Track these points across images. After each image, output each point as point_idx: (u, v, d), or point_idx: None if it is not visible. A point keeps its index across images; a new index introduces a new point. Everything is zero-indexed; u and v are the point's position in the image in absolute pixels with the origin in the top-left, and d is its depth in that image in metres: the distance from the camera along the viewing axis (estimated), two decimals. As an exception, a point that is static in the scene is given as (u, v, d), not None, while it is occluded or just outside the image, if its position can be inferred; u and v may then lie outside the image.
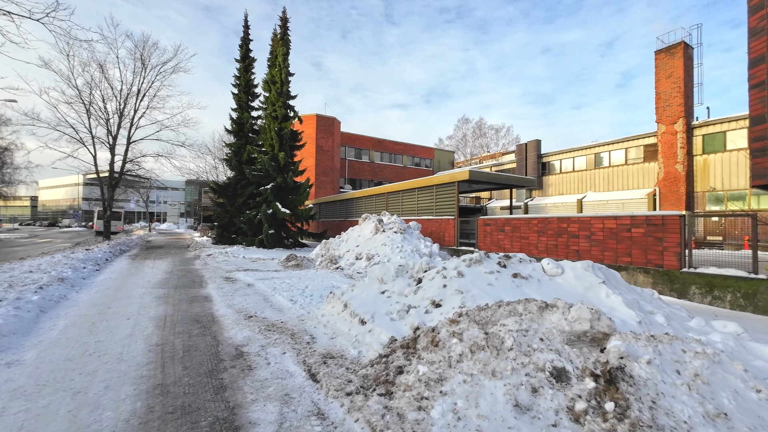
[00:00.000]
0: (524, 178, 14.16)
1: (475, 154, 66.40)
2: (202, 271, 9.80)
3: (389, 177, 40.05)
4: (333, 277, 8.77)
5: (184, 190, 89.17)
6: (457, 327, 3.22)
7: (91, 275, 8.85)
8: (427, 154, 44.67)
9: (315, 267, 10.71)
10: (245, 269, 10.05)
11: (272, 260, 12.70)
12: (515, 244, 9.79)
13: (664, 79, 21.65)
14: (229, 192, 20.05)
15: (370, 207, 18.39)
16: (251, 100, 20.90)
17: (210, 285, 7.74)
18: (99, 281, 8.16)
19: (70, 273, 8.02)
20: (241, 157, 19.90)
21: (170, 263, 11.74)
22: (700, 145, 20.81)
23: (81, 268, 9.18)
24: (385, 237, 10.62)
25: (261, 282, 7.93)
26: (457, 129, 71.26)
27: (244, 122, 20.26)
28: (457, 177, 12.06)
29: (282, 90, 18.97)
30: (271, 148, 18.86)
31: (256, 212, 18.45)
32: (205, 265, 11.18)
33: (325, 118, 31.54)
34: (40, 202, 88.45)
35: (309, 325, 4.75)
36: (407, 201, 15.01)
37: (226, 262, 11.76)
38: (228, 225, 19.79)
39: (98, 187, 19.06)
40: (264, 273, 9.37)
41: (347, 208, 21.07)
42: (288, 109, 19.41)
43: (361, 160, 38.98)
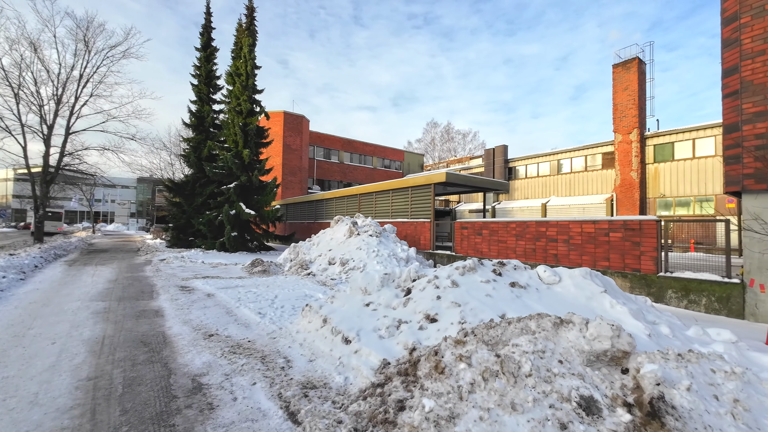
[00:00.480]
0: (497, 182, 14.25)
1: (443, 157, 67.60)
2: (153, 279, 8.67)
3: (359, 178, 39.47)
4: (305, 284, 8.07)
5: (135, 189, 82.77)
6: (464, 349, 2.77)
7: (12, 286, 7.46)
8: (397, 156, 44.63)
9: (284, 273, 9.91)
10: (204, 276, 9.05)
11: (235, 265, 11.68)
12: (493, 247, 9.65)
13: (620, 91, 23.01)
14: (187, 191, 18.48)
15: (341, 209, 17.73)
16: (213, 92, 19.47)
17: (162, 296, 6.77)
18: (22, 293, 6.87)
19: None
20: (201, 154, 18.44)
21: (115, 270, 10.38)
22: (652, 154, 22.31)
23: (7, 276, 7.75)
24: (360, 241, 10.07)
25: (223, 291, 7.07)
26: (426, 132, 72.26)
27: (204, 116, 18.79)
28: (433, 179, 11.80)
29: (247, 83, 17.81)
30: (234, 144, 17.63)
31: (217, 213, 17.12)
32: (157, 271, 9.98)
33: (293, 115, 30.37)
34: (-39, 199, 78.02)
35: (282, 345, 4.11)
36: (381, 203, 14.55)
37: (182, 268, 10.60)
38: (185, 226, 18.21)
39: (47, 192, 16.75)
40: (226, 280, 8.45)
41: (317, 209, 20.23)
42: (254, 103, 18.27)
43: (330, 160, 38.10)
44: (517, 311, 3.53)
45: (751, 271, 5.54)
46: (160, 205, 45.87)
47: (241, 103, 17.56)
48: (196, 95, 18.98)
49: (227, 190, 16.75)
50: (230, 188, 16.65)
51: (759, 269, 5.47)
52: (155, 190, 50.16)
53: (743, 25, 5.66)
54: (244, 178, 16.86)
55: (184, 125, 18.73)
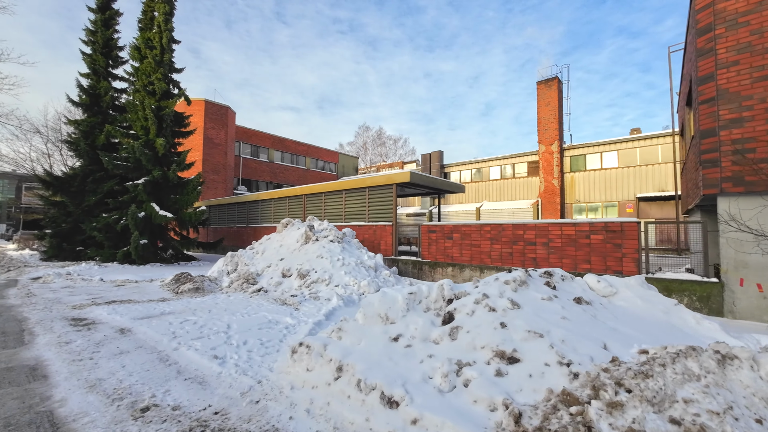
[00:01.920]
0: (457, 185, 13.97)
1: (374, 161, 67.85)
2: (22, 310, 5.95)
3: (290, 180, 36.86)
4: (259, 305, 6.34)
5: (-10, 186, 65.45)
6: (627, 416, 1.80)
7: None
8: (332, 158, 43.04)
9: (223, 290, 7.89)
10: (109, 301, 6.59)
11: (150, 282, 9.08)
12: (465, 252, 9.09)
13: (544, 106, 25.31)
14: (74, 187, 14.40)
15: (281, 211, 15.68)
16: (113, 66, 15.66)
17: (42, 338, 4.46)
18: None
19: None
20: (96, 141, 14.59)
21: (-47, 297, 7.09)
22: (569, 164, 24.95)
23: None
24: (320, 248, 8.58)
25: (145, 323, 5.02)
26: (358, 136, 71.59)
27: (101, 93, 14.93)
28: (395, 179, 10.87)
29: (162, 59, 14.70)
30: (144, 131, 14.32)
31: (120, 215, 13.65)
32: (28, 296, 7.04)
33: (217, 105, 26.74)
34: None
35: (277, 415, 2.64)
36: (332, 205, 13.10)
37: (71, 290, 7.75)
38: (70, 233, 14.12)
39: None
40: (145, 305, 6.22)
41: (250, 212, 17.70)
42: (171, 84, 15.17)
43: (259, 158, 34.84)
44: (611, 337, 2.72)
45: (728, 270, 5.78)
46: (28, 206, 36.40)
47: (153, 82, 14.36)
48: (89, 67, 15.00)
49: (134, 187, 13.42)
50: (138, 185, 13.38)
51: (735, 268, 5.74)
52: (22, 187, 39.82)
53: (718, 36, 5.96)
54: (157, 173, 13.74)
55: (72, 103, 14.59)
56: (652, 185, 21.85)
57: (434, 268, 9.72)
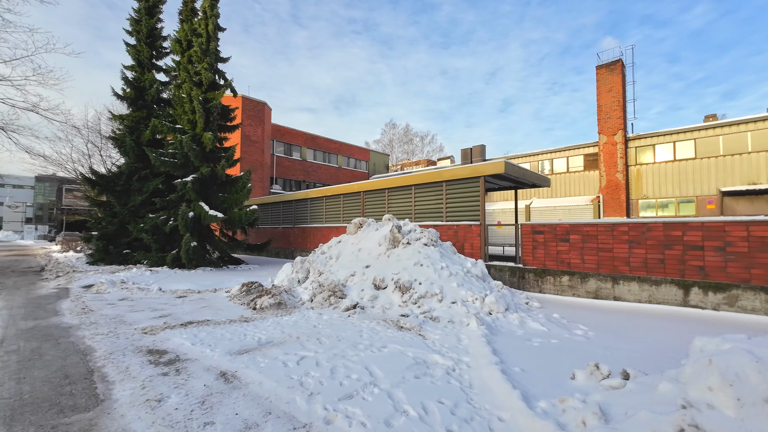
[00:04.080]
0: (545, 177, 12.15)
1: (400, 159, 66.19)
2: (83, 336, 4.75)
3: (323, 178, 35.91)
4: (372, 330, 4.89)
5: (32, 189, 68.38)
6: None
7: None
8: (363, 155, 41.83)
9: (305, 304, 6.52)
10: (184, 322, 5.30)
11: (214, 293, 7.87)
12: (590, 258, 7.36)
13: (605, 92, 22.97)
14: (120, 186, 13.58)
15: (334, 210, 14.36)
16: (157, 57, 14.79)
17: (120, 389, 3.15)
18: None
19: None
20: (141, 137, 13.72)
21: (1, 316, 6.04)
22: (634, 156, 22.52)
23: None
24: (414, 252, 7.09)
25: (249, 363, 3.64)
26: (384, 133, 70.26)
27: (145, 86, 14.06)
28: (483, 171, 9.26)
29: (209, 47, 13.67)
30: (191, 125, 13.33)
31: (168, 216, 12.68)
32: (86, 314, 5.89)
33: (253, 101, 25.93)
34: None
35: None
36: (398, 202, 11.61)
37: (131, 304, 6.58)
38: (117, 234, 13.30)
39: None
40: (230, 329, 4.89)
41: (298, 211, 16.51)
42: (217, 74, 14.13)
43: (292, 157, 34.00)
44: None
45: None
46: (69, 208, 37.03)
47: (200, 72, 13.33)
48: (134, 58, 14.16)
49: (183, 185, 12.41)
50: (187, 183, 12.36)
51: None
52: (63, 189, 40.69)
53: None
54: (205, 170, 12.68)
55: (117, 97, 13.78)
56: (740, 178, 19.23)
57: (542, 277, 8.04)
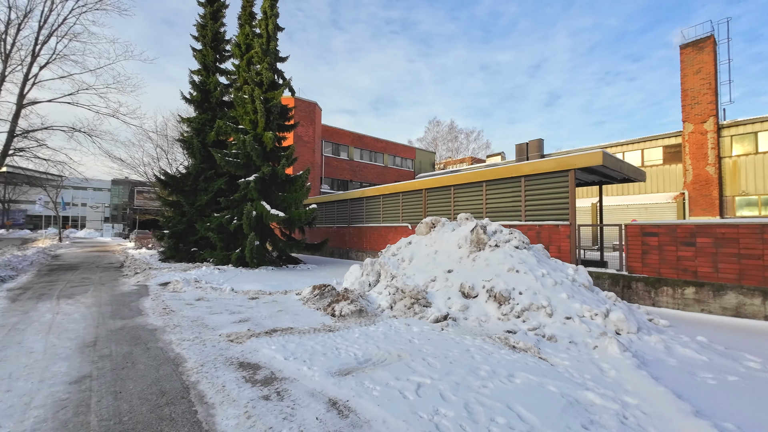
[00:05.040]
0: (641, 171, 10.62)
1: (444, 157, 64.47)
2: (170, 341, 4.53)
3: (369, 177, 35.70)
4: (480, 349, 4.15)
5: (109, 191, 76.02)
6: None
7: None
8: (409, 153, 41.08)
9: (385, 311, 5.94)
10: (268, 330, 4.93)
11: (285, 294, 7.58)
12: (727, 266, 6.01)
13: (691, 75, 20.13)
14: (187, 186, 14.10)
15: (392, 209, 13.80)
16: (220, 60, 15.20)
17: (221, 414, 2.72)
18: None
19: None
20: (206, 138, 14.13)
21: (91, 311, 6.13)
22: (729, 146, 19.49)
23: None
24: (505, 256, 6.22)
25: (360, 389, 3.07)
26: (428, 131, 68.90)
27: (210, 89, 14.49)
28: (573, 163, 8.11)
29: (269, 47, 13.71)
30: (252, 125, 13.46)
31: (232, 215, 12.88)
32: (167, 314, 5.78)
33: (305, 102, 26.25)
34: None
35: None
36: (466, 199, 10.73)
37: (209, 306, 6.44)
38: (185, 233, 13.81)
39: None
40: (317, 340, 4.41)
41: (353, 210, 16.19)
42: (276, 74, 14.17)
43: (339, 157, 34.12)
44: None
45: None
46: (140, 208, 40.38)
47: (261, 72, 13.42)
48: (200, 63, 14.66)
49: (246, 184, 12.53)
50: (250, 182, 12.45)
51: None
52: (134, 191, 44.54)
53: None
54: (266, 169, 12.69)
55: (185, 100, 14.35)
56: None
57: (656, 288, 6.77)
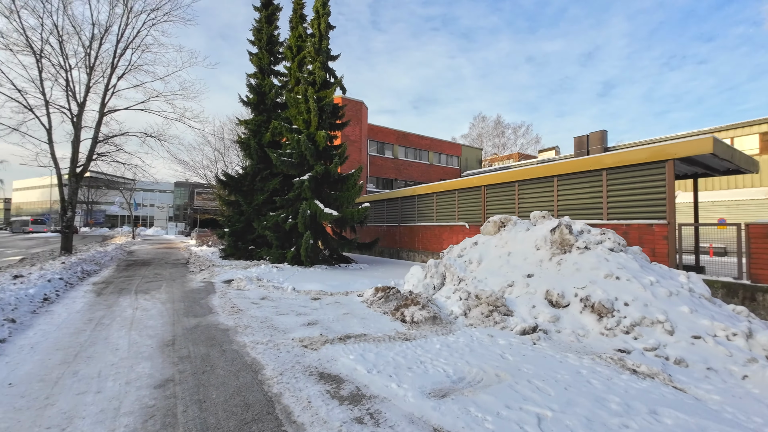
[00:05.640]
0: (755, 161, 9.05)
1: (490, 153, 61.89)
2: (244, 343, 4.39)
3: (414, 176, 35.11)
4: (594, 373, 3.49)
5: (172, 193, 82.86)
6: None
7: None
8: (454, 150, 39.88)
9: (458, 318, 5.41)
10: (341, 336, 4.63)
11: (346, 295, 7.33)
12: None
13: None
14: (245, 186, 14.58)
15: (447, 207, 13.16)
16: (274, 62, 15.54)
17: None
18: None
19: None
20: (262, 139, 14.49)
21: (166, 308, 6.28)
22: None
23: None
24: (599, 260, 5.40)
25: (462, 416, 2.59)
26: (473, 127, 66.64)
27: (265, 91, 14.85)
28: (673, 152, 6.96)
29: (321, 46, 13.69)
30: (305, 125, 13.53)
31: (287, 214, 13.04)
32: (236, 314, 5.75)
33: (351, 101, 26.30)
34: (14, 205, 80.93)
35: None
36: (533, 196, 9.83)
37: (274, 305, 6.34)
38: (244, 231, 14.28)
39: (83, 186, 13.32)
40: (395, 349, 4.02)
41: (403, 209, 15.78)
42: (328, 72, 14.14)
43: (384, 155, 33.88)
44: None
45: None
46: (199, 208, 43.39)
47: (314, 71, 13.45)
48: (256, 65, 15.10)
49: (300, 183, 12.61)
50: (304, 181, 12.50)
51: None
52: (194, 192, 47.97)
53: None
54: (319, 168, 12.66)
55: (242, 103, 14.87)
56: None
57: (792, 301, 5.52)
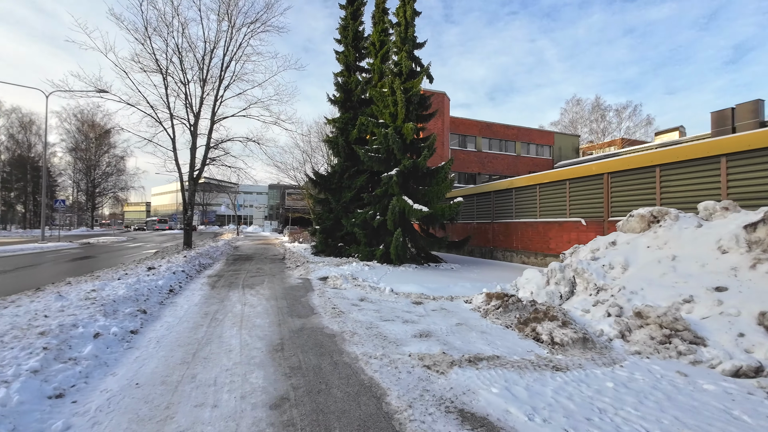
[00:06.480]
0: None
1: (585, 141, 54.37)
2: (355, 357, 3.87)
3: (499, 169, 32.54)
4: None
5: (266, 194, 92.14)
6: None
7: (122, 342, 3.67)
8: (546, 139, 35.97)
9: (619, 345, 4.12)
10: (470, 357, 3.81)
11: (450, 300, 6.47)
12: None
13: None
14: (333, 184, 14.76)
15: (555, 200, 11.36)
16: (359, 58, 15.45)
17: None
18: (122, 374, 2.69)
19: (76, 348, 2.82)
20: (349, 136, 14.48)
21: (270, 304, 6.23)
22: None
23: (108, 329, 4.06)
24: None
25: None
26: (564, 113, 59.61)
27: (351, 88, 14.83)
28: None
29: (407, 34, 13.02)
30: (392, 118, 13.01)
31: (374, 210, 12.72)
32: (338, 316, 5.35)
33: (434, 93, 25.33)
34: (153, 207, 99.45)
35: None
36: (679, 184, 7.65)
37: (376, 309, 5.82)
38: (333, 229, 14.48)
39: (199, 190, 15.21)
40: (544, 380, 3.03)
41: (497, 204, 14.30)
42: (414, 62, 13.43)
43: (466, 148, 32.06)
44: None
45: None
46: (290, 207, 47.13)
47: (400, 62, 12.86)
48: (342, 63, 15.20)
49: (388, 179, 12.15)
50: (392, 176, 12.00)
51: None
52: (285, 193, 52.30)
53: None
54: (407, 162, 12.02)
55: (330, 101, 15.15)
56: None
57: None
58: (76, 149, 46.95)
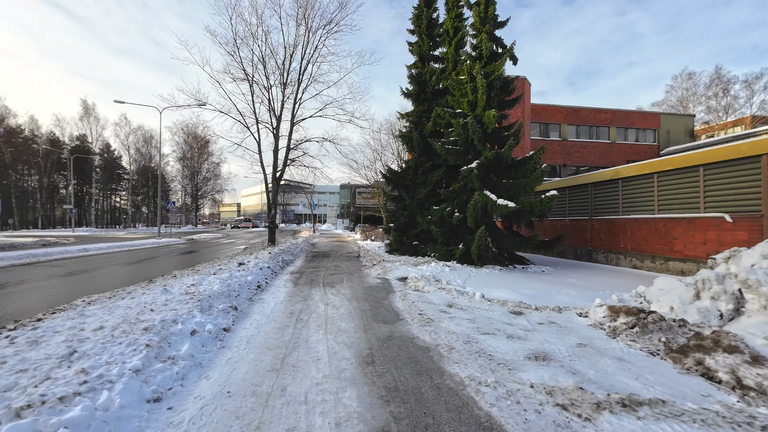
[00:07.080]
0: None
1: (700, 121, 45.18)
2: (460, 382, 3.24)
3: (588, 160, 28.71)
4: None
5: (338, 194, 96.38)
6: None
7: (215, 341, 3.66)
8: (649, 122, 30.82)
9: None
10: (622, 400, 2.92)
11: (558, 312, 5.42)
12: None
13: None
14: (407, 180, 14.26)
15: (679, 191, 9.25)
16: (433, 47, 14.67)
17: None
18: (215, 379, 2.54)
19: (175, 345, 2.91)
20: (423, 129, 13.83)
21: (354, 308, 5.92)
22: None
23: (204, 326, 4.11)
24: None
25: None
26: (671, 91, 50.70)
27: (426, 79, 14.14)
28: None
29: (487, 13, 11.87)
30: (470, 107, 12.00)
31: (452, 207, 11.88)
32: (427, 324, 4.76)
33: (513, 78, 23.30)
34: (243, 208, 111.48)
35: None
36: None
37: (469, 318, 5.09)
38: (407, 226, 14.00)
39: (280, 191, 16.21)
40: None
41: (596, 197, 12.32)
42: (495, 43, 12.21)
43: (549, 138, 28.95)
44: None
45: None
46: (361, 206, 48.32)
47: (480, 44, 11.78)
48: (416, 54, 14.60)
49: (468, 172, 11.19)
50: (473, 169, 11.02)
51: None
52: (355, 192, 53.84)
53: None
54: (489, 154, 10.90)
55: (403, 95, 14.68)
56: None
57: None
58: (183, 158, 54.66)
